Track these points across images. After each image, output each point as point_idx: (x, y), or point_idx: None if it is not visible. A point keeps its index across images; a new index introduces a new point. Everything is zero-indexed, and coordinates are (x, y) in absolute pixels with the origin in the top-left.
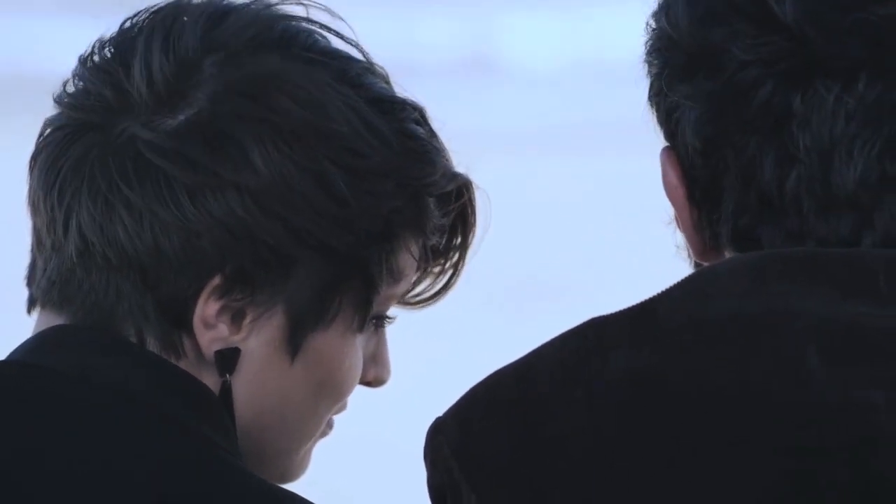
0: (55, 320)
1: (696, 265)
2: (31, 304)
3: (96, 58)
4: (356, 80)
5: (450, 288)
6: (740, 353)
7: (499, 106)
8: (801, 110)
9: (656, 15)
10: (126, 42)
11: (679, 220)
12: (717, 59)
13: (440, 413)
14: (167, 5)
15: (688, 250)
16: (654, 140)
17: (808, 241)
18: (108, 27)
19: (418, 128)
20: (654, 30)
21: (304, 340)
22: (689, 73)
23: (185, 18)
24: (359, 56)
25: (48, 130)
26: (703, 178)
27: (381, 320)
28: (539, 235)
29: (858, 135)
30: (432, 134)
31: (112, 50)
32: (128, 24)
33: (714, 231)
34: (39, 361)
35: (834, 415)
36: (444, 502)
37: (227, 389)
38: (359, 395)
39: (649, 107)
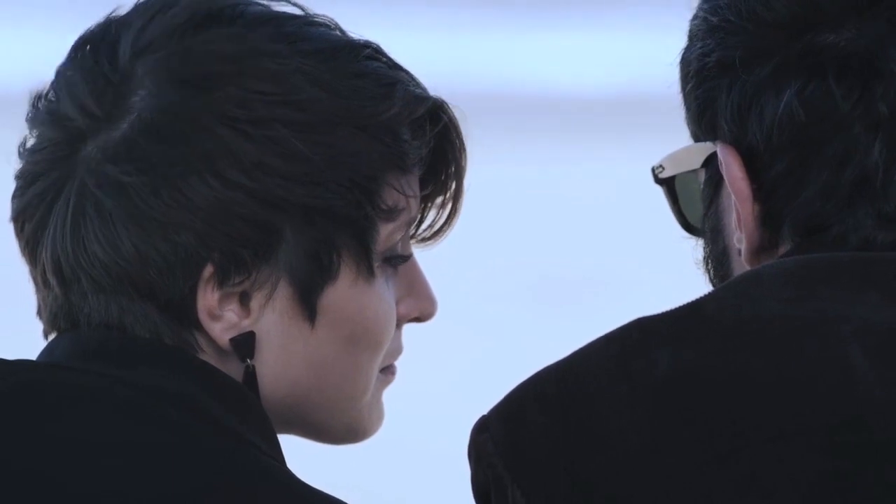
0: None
1: (718, 281)
2: (46, 333)
3: (41, 103)
4: (292, 37)
5: (455, 216)
6: (786, 354)
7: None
8: None
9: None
10: (60, 78)
11: (741, 214)
12: (816, 37)
13: (481, 413)
14: (96, 28)
15: (705, 261)
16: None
17: None
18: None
19: (370, 63)
20: (720, 14)
21: (317, 302)
22: (777, 53)
23: (115, 31)
24: (296, 11)
25: (15, 187)
26: (786, 162)
27: (394, 260)
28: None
29: None
30: (390, 66)
31: (53, 91)
32: (63, 61)
33: (777, 223)
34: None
35: (880, 412)
36: (487, 500)
37: (250, 375)
38: (401, 397)
39: (694, 101)
